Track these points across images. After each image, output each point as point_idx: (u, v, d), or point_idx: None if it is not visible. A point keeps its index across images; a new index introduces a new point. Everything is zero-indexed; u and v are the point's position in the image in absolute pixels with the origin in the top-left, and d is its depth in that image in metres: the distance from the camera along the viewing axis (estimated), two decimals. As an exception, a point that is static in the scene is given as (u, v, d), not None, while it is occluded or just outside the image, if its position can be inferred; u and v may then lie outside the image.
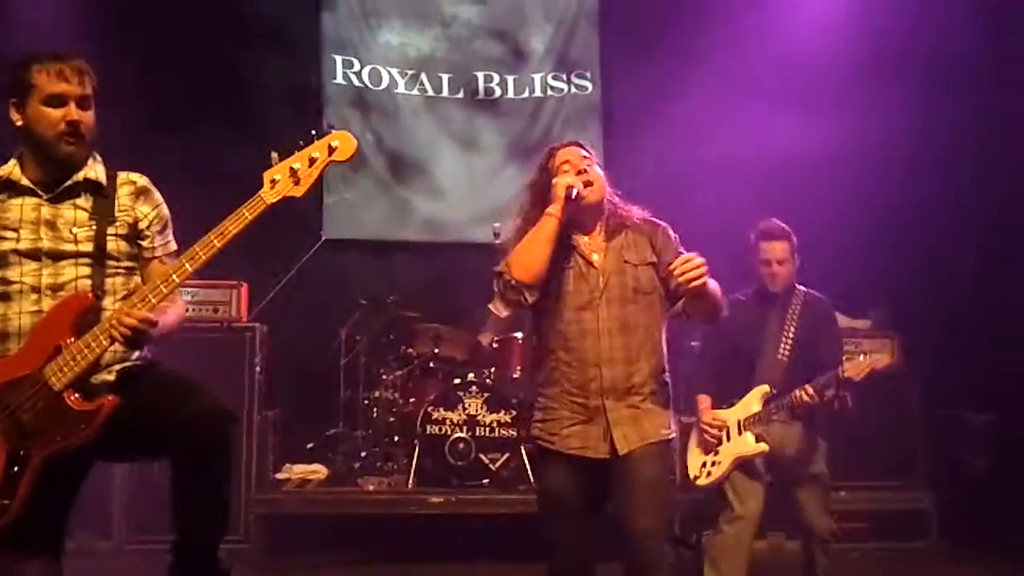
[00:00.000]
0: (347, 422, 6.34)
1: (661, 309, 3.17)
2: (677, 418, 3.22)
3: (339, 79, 7.51)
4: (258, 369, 5.70)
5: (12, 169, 2.85)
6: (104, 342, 2.67)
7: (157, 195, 3.01)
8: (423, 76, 7.64)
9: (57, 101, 2.76)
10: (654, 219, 3.25)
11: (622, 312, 3.07)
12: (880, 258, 6.22)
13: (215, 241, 2.71)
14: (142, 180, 2.99)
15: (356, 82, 7.55)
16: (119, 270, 2.89)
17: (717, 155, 6.82)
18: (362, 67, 7.56)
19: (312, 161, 2.78)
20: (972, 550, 5.56)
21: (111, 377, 2.82)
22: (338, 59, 7.52)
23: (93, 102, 2.85)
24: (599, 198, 3.16)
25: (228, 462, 2.78)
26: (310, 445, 6.26)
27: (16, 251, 2.79)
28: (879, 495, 5.85)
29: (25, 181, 2.83)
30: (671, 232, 3.21)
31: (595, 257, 3.13)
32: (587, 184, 3.10)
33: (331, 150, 2.79)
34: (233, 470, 2.82)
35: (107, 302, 2.84)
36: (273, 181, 2.75)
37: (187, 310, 5.49)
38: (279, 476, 5.90)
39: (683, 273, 2.85)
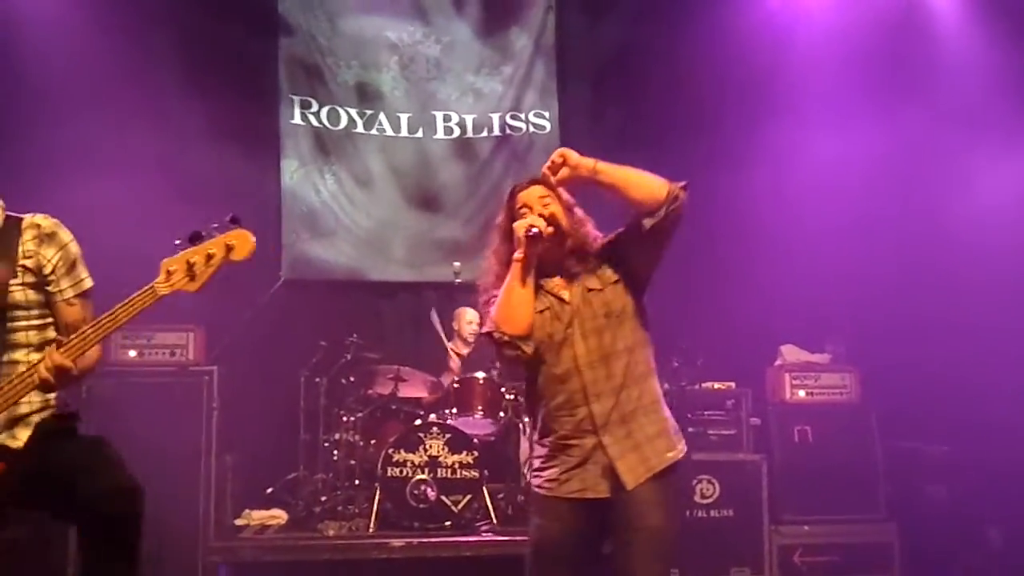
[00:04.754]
0: (307, 465, 6.25)
1: (640, 324, 3.07)
2: (681, 435, 3.09)
3: (297, 119, 7.49)
4: (215, 413, 5.63)
5: None
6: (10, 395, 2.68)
7: (64, 235, 2.94)
8: (382, 116, 7.64)
9: None
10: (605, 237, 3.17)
11: (599, 342, 2.98)
12: (837, 292, 6.29)
13: (106, 324, 2.69)
14: (47, 223, 2.93)
15: (315, 122, 7.53)
16: (30, 319, 2.84)
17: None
18: (320, 107, 7.55)
19: (209, 258, 2.74)
20: (935, 581, 5.59)
21: (26, 432, 2.80)
22: (296, 99, 7.50)
23: None
24: (557, 233, 3.05)
25: (133, 540, 2.81)
26: (269, 489, 6.17)
27: None
28: (842, 528, 5.87)
29: None
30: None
31: (565, 294, 3.05)
32: (548, 223, 3.01)
33: (228, 249, 2.76)
34: (140, 546, 2.83)
35: (19, 355, 2.80)
36: (169, 272, 2.72)
37: (142, 354, 5.61)
38: (238, 522, 5.82)
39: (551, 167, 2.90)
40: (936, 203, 6.21)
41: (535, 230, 2.94)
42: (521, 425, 5.93)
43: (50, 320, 2.88)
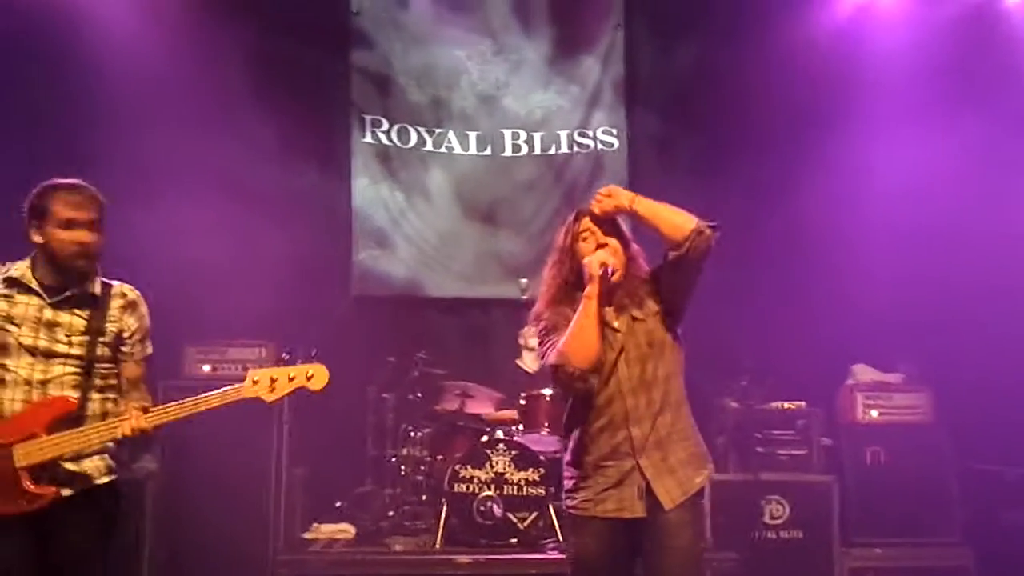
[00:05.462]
0: (375, 480, 6.32)
1: (676, 354, 3.22)
2: (709, 459, 3.27)
3: (368, 138, 7.60)
4: (286, 427, 5.72)
5: (25, 271, 3.21)
6: (67, 447, 3.06)
7: (143, 307, 3.38)
8: (451, 134, 7.72)
9: (71, 225, 3.13)
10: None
11: (642, 370, 3.13)
12: (910, 310, 6.16)
13: (191, 406, 3.11)
14: (133, 293, 3.35)
15: (385, 140, 7.63)
16: (101, 370, 3.25)
17: (746, 210, 6.82)
18: (391, 126, 7.65)
19: (291, 379, 3.20)
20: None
21: (66, 492, 3.13)
22: (367, 118, 7.61)
23: (102, 225, 3.21)
24: (620, 278, 3.19)
25: None
26: (338, 504, 6.25)
27: (17, 344, 3.14)
28: (915, 552, 5.75)
29: (34, 284, 3.19)
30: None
31: (615, 323, 3.17)
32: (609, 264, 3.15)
33: (308, 377, 3.21)
34: None
35: (92, 401, 3.20)
36: (254, 380, 3.15)
37: (216, 368, 5.75)
38: (307, 535, 5.89)
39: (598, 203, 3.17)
40: (1013, 217, 6.06)
41: (611, 270, 3.09)
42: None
43: (115, 371, 3.30)
